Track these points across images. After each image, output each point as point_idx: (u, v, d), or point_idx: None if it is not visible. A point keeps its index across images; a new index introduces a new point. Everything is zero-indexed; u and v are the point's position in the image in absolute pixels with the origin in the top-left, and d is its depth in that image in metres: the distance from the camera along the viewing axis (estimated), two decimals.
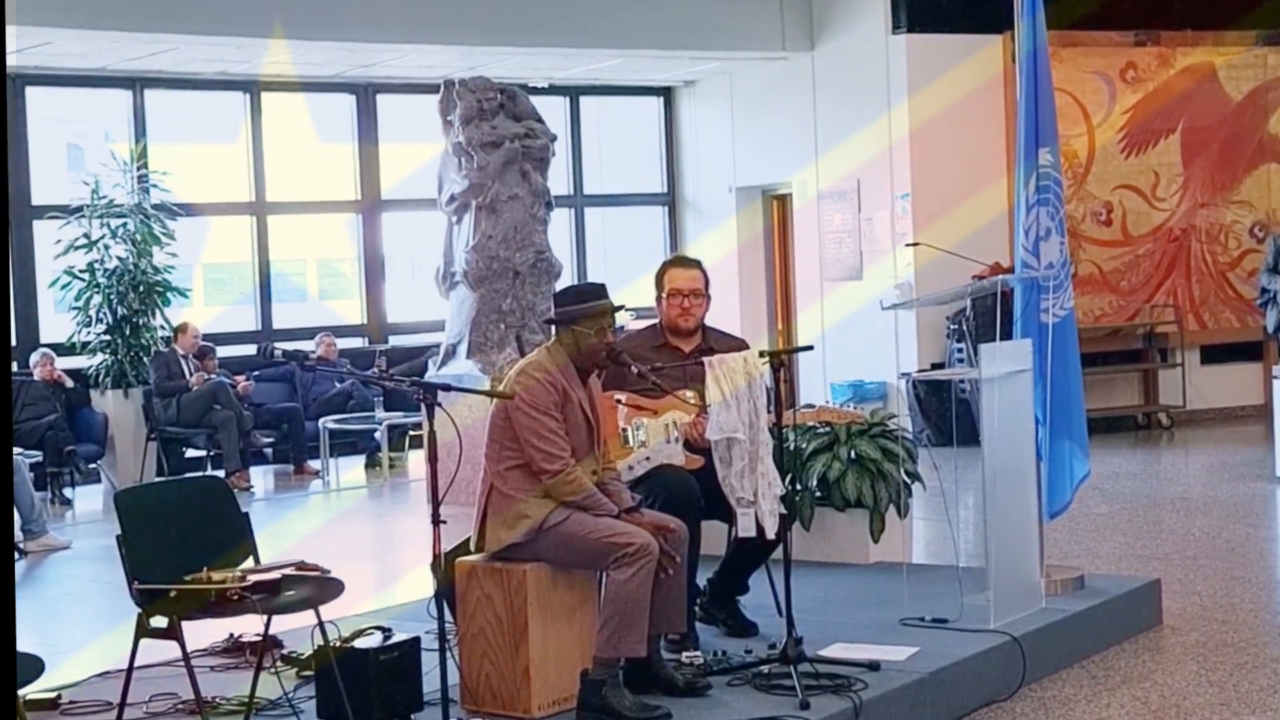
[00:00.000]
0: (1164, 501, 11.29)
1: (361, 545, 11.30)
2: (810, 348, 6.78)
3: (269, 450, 14.85)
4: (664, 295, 6.68)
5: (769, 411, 6.10)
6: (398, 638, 5.73)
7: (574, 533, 5.57)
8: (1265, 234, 15.22)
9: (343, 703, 5.48)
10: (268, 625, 5.76)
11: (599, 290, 5.90)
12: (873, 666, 6.00)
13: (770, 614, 6.74)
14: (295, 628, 6.33)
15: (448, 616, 5.55)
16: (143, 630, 5.34)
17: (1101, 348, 15.00)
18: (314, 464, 14.39)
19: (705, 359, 6.15)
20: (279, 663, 6.21)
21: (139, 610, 5.36)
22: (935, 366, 14.50)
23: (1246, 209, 15.67)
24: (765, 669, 5.92)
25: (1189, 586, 8.16)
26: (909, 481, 8.09)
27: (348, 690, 5.49)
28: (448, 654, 5.47)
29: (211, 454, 13.99)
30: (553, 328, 5.94)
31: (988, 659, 6.33)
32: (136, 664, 5.56)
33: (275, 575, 5.45)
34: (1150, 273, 15.42)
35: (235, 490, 12.77)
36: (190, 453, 14.30)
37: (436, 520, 5.15)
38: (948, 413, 13.64)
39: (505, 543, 5.63)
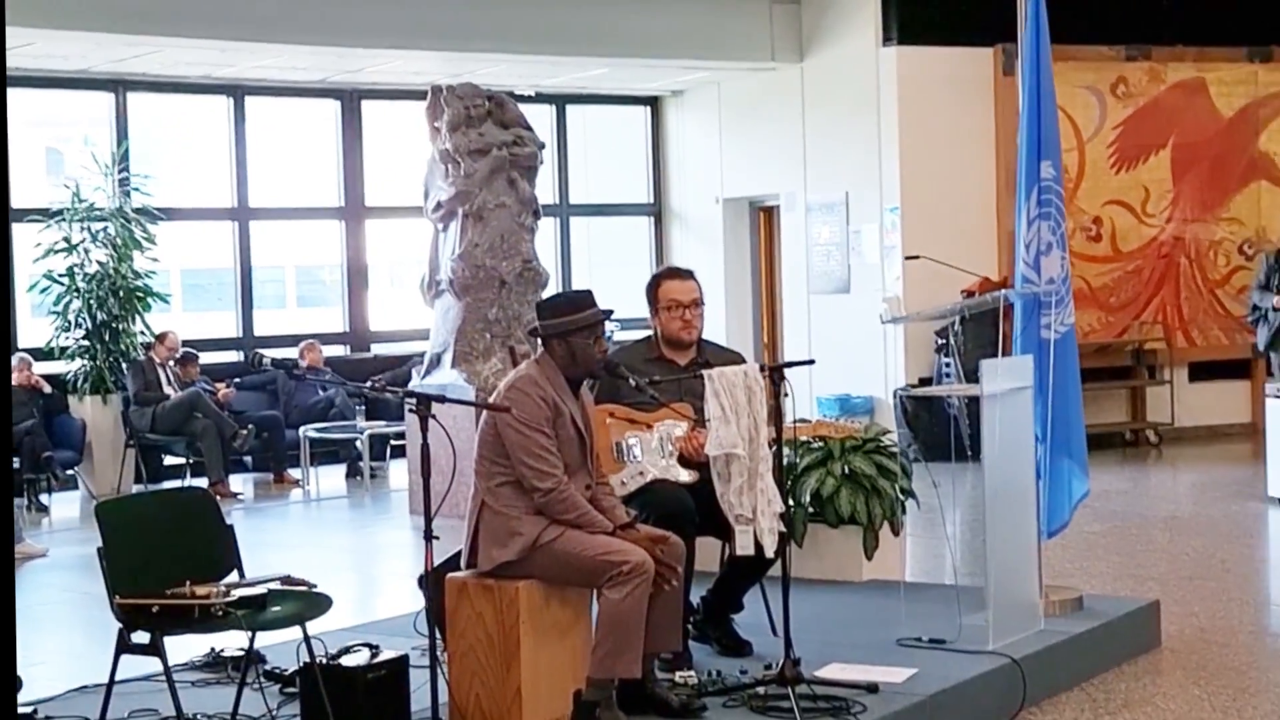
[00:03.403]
0: (1155, 520, 11.18)
1: (343, 557, 11.14)
2: (812, 361, 6.64)
3: (249, 459, 14.68)
4: (661, 308, 6.53)
5: (769, 426, 5.96)
6: (386, 655, 5.58)
7: (567, 550, 5.43)
8: (1255, 251, 15.16)
9: None
10: (251, 641, 5.61)
11: (588, 299, 5.75)
12: (871, 689, 5.87)
13: (764, 632, 6.61)
14: (278, 642, 6.19)
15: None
16: (124, 645, 5.19)
17: (1090, 364, 14.73)
18: (294, 473, 14.22)
19: (705, 372, 5.99)
20: (262, 679, 6.05)
21: (120, 625, 5.21)
22: (923, 381, 14.40)
23: (1236, 226, 15.58)
24: (762, 690, 5.78)
25: (1186, 608, 8.04)
26: (903, 498, 7.97)
27: (334, 708, 5.34)
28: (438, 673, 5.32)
29: (191, 461, 13.82)
30: (539, 340, 5.77)
31: (988, 681, 6.21)
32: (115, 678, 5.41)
33: (261, 590, 5.30)
34: (1139, 289, 15.32)
35: (221, 499, 12.81)
36: (169, 460, 14.14)
37: (429, 535, 5.01)
38: (936, 428, 13.52)
39: (498, 561, 5.49)
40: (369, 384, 5.51)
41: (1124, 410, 15.44)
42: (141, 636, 5.17)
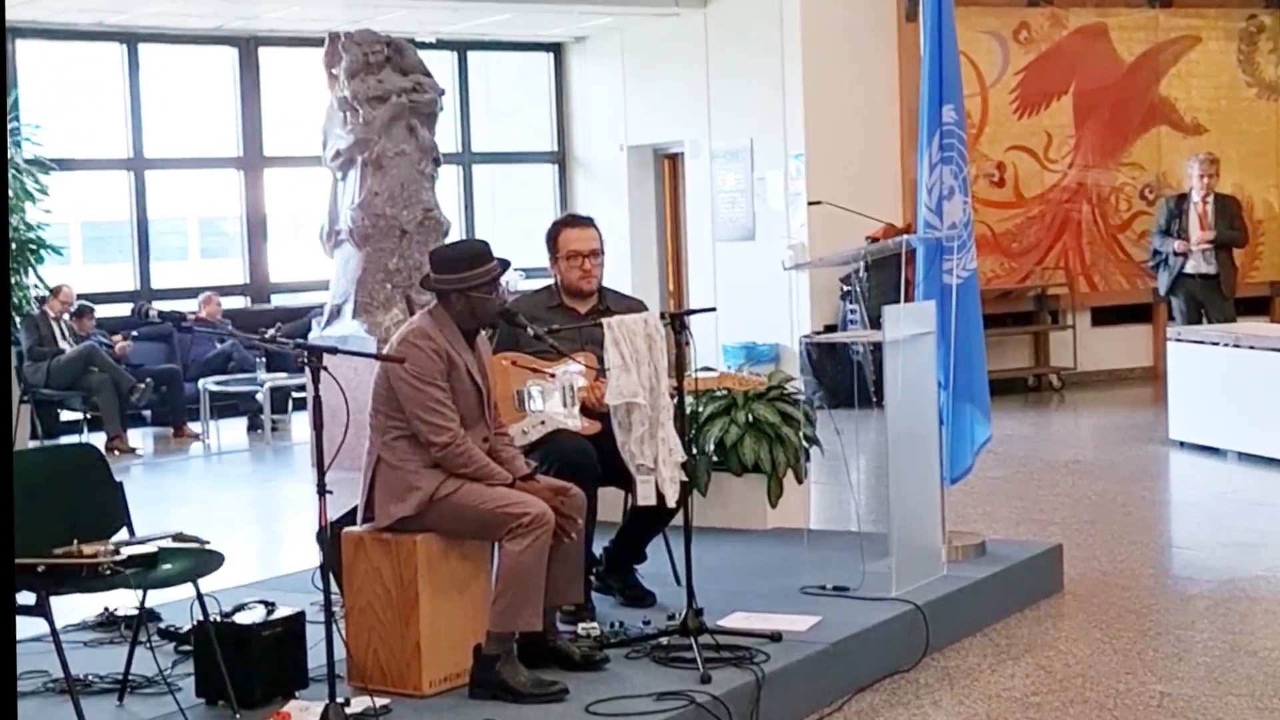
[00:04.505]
0: (1058, 464, 11.22)
1: (243, 512, 10.98)
2: (713, 309, 6.60)
3: (147, 413, 14.45)
4: (561, 257, 6.43)
5: (670, 375, 5.89)
6: (282, 611, 5.47)
7: (466, 503, 5.34)
8: (1156, 196, 15.23)
9: (223, 680, 5.23)
10: (143, 600, 5.48)
11: (485, 252, 5.60)
12: (774, 637, 5.83)
13: (667, 582, 6.56)
14: (172, 600, 6.07)
15: (334, 588, 5.30)
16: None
17: (993, 310, 14.86)
18: (194, 426, 14.01)
19: (605, 320, 5.89)
20: (155, 638, 5.92)
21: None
22: (829, 328, 14.40)
23: (1137, 171, 15.66)
24: (664, 641, 5.73)
25: (1088, 551, 8.07)
26: (807, 446, 7.93)
27: (229, 666, 5.23)
28: (334, 628, 5.22)
29: (88, 416, 13.58)
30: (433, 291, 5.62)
31: (890, 628, 6.19)
32: None
33: (151, 548, 5.17)
34: (1042, 235, 15.37)
35: (119, 454, 12.58)
36: (66, 415, 13.90)
37: (322, 490, 4.90)
38: (841, 375, 13.54)
39: (395, 516, 5.38)
40: (260, 335, 5.37)
41: (1027, 355, 15.52)
42: (27, 597, 5.03)
